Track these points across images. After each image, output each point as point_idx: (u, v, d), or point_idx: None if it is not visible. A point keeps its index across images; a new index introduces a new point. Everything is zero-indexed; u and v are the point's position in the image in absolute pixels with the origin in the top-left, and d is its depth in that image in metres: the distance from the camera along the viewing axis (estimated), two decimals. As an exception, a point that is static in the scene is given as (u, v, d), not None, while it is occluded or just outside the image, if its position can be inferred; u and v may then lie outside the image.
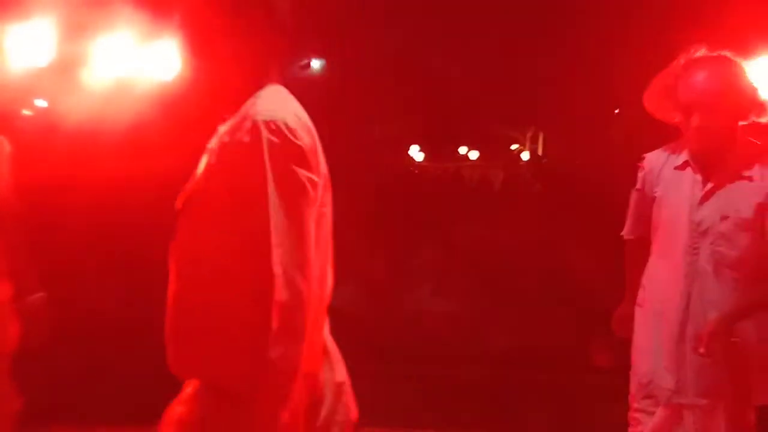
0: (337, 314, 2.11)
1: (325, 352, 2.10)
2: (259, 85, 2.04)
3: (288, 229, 1.92)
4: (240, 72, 2.05)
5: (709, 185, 2.84)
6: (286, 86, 2.06)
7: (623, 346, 2.91)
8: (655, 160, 3.01)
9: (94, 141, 4.58)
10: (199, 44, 2.08)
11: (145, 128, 4.69)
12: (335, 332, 2.10)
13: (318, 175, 2.00)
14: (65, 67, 4.27)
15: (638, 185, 3.06)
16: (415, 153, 11.53)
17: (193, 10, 2.08)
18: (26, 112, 5.35)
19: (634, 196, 3.09)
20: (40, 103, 5.38)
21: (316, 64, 7.09)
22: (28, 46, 4.04)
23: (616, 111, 8.65)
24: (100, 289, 5.66)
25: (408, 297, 6.38)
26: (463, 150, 12.78)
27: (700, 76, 2.81)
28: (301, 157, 1.96)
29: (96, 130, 4.40)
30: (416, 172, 10.53)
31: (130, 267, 5.68)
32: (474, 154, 12.81)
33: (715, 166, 2.85)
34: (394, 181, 7.95)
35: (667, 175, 2.94)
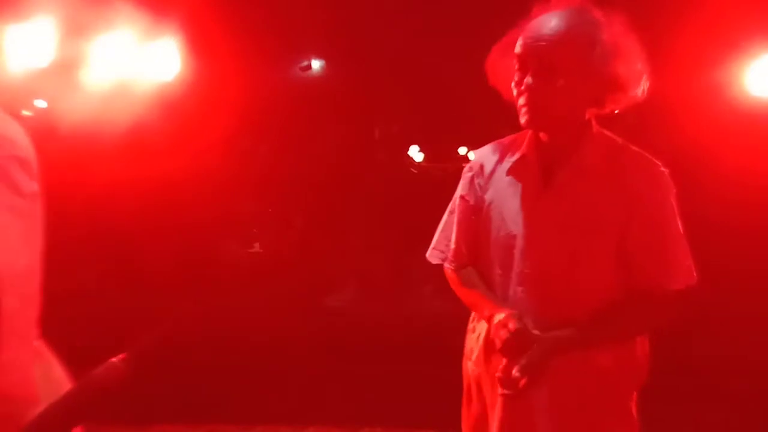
0: (337, 314, 2.10)
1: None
2: None
3: None
4: None
5: (554, 183, 2.07)
6: (286, 87, 2.05)
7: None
8: (485, 158, 2.29)
9: (94, 142, 4.59)
10: None
11: (144, 129, 4.70)
12: (336, 332, 2.10)
13: None
14: (65, 68, 4.27)
15: (463, 191, 2.27)
16: (415, 153, 11.51)
17: None
18: (26, 112, 5.36)
19: (459, 207, 2.27)
20: (40, 103, 5.39)
21: (316, 64, 7.10)
22: (28, 46, 4.05)
23: (616, 111, 8.65)
24: (100, 290, 5.65)
25: (408, 297, 6.38)
26: (463, 150, 12.77)
27: (538, 21, 2.04)
28: None
29: (95, 130, 4.41)
30: (416, 172, 10.52)
31: (131, 266, 5.68)
32: (474, 155, 12.83)
33: (559, 162, 2.09)
34: (394, 181, 7.95)
35: (499, 176, 2.20)
